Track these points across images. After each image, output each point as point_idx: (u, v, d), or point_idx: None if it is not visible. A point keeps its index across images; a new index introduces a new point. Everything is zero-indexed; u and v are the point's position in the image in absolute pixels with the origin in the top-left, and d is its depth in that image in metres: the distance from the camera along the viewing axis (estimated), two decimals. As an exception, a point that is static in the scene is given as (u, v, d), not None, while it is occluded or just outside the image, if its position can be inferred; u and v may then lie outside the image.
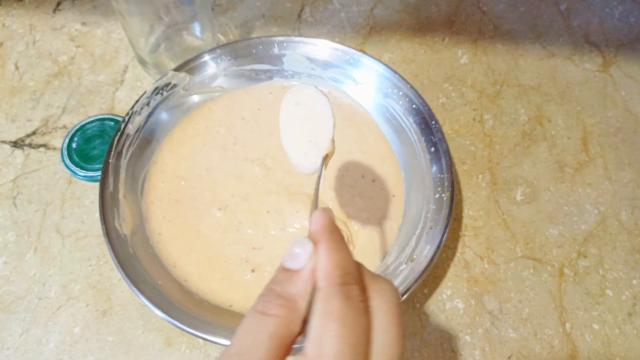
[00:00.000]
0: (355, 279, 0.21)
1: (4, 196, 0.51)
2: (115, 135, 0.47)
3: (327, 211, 0.24)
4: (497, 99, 0.59)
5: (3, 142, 0.54)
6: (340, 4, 0.66)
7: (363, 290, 0.21)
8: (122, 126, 0.48)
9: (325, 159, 0.32)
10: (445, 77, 0.60)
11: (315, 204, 0.28)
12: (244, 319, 0.22)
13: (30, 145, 0.54)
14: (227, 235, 0.46)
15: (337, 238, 0.22)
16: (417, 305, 0.46)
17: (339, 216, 0.47)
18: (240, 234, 0.46)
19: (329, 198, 0.48)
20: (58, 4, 0.65)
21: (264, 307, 0.21)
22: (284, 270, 0.22)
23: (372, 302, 0.21)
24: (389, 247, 0.46)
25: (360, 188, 0.49)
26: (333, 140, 0.33)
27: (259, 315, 0.21)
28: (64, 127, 0.55)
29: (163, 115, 0.51)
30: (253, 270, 0.44)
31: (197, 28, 0.56)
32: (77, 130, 0.53)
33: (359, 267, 0.23)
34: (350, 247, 0.45)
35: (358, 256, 0.45)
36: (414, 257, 0.43)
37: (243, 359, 0.19)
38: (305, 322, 0.21)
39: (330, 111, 0.32)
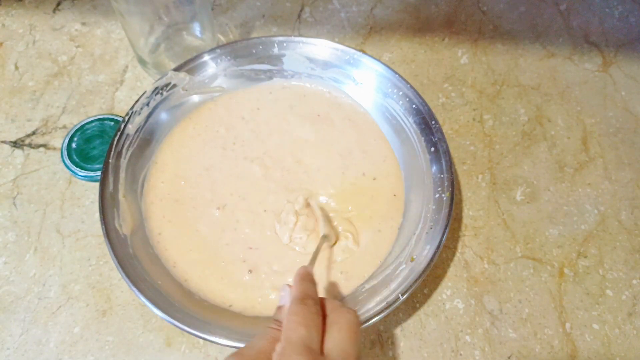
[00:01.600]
0: (312, 298, 0.31)
1: (4, 196, 0.51)
2: (115, 135, 0.47)
3: (303, 269, 0.34)
4: (497, 99, 0.59)
5: (3, 142, 0.54)
6: (340, 4, 0.66)
7: (321, 306, 0.31)
8: (122, 126, 0.48)
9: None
10: (445, 77, 0.60)
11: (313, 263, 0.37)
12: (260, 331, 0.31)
13: (30, 145, 0.54)
14: (225, 234, 0.46)
15: (305, 279, 0.33)
16: (417, 305, 0.46)
17: (343, 214, 0.47)
18: (237, 234, 0.46)
19: (330, 195, 0.48)
20: (58, 4, 0.65)
21: (271, 325, 0.31)
22: (278, 306, 0.33)
23: (330, 315, 0.30)
24: (389, 247, 0.46)
25: (361, 185, 0.49)
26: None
27: (267, 329, 0.31)
28: (64, 127, 0.55)
29: (163, 115, 0.51)
30: (250, 271, 0.44)
31: (197, 28, 0.56)
32: (77, 130, 0.53)
33: (318, 296, 0.32)
34: (355, 247, 0.46)
35: (359, 256, 0.45)
36: (414, 257, 0.43)
37: (254, 351, 0.29)
38: None
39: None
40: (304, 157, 0.51)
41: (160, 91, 0.50)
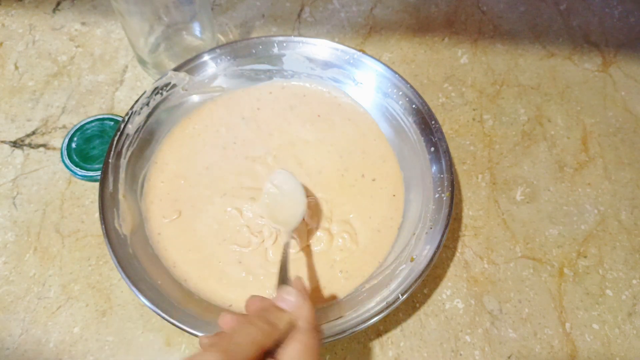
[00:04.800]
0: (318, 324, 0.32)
1: (4, 196, 0.51)
2: (115, 135, 0.47)
3: (300, 281, 0.34)
4: (497, 99, 0.59)
5: (3, 142, 0.54)
6: (340, 3, 0.66)
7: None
8: (122, 126, 0.48)
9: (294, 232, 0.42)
10: (445, 77, 0.60)
11: (285, 272, 0.36)
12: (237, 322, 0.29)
13: (29, 145, 0.54)
14: (221, 234, 0.46)
15: (307, 296, 0.32)
16: (417, 305, 0.46)
17: (341, 215, 0.47)
18: (236, 234, 0.46)
19: (330, 197, 0.48)
20: (58, 4, 0.65)
21: (254, 321, 0.29)
22: (275, 306, 0.31)
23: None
24: (389, 247, 0.46)
25: (361, 187, 0.49)
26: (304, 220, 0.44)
27: (249, 324, 0.29)
28: (64, 127, 0.55)
29: (163, 115, 0.51)
30: (247, 272, 0.44)
31: (196, 28, 0.56)
32: (76, 130, 0.53)
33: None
34: (354, 247, 0.46)
35: (359, 256, 0.45)
36: (414, 257, 0.43)
37: (232, 349, 0.27)
38: (277, 343, 0.29)
39: (304, 201, 0.44)
40: (305, 158, 0.51)
41: (160, 91, 0.50)
